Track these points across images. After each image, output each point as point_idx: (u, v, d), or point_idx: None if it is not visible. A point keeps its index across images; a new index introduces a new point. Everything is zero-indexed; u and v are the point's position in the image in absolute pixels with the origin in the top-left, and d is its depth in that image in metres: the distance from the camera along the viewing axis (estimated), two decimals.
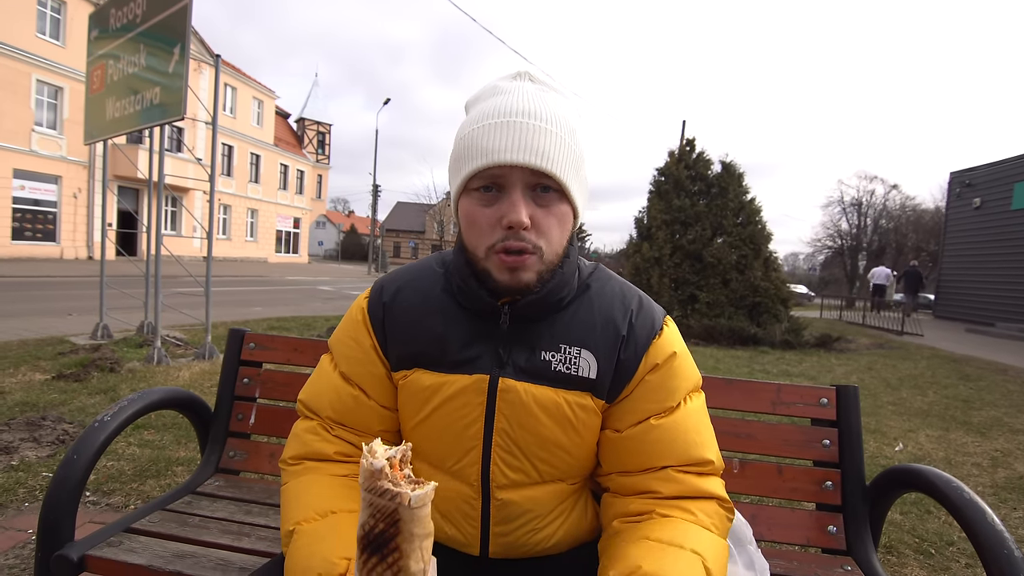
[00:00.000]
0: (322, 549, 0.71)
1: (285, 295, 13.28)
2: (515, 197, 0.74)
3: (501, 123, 0.74)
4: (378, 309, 0.86)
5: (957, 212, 17.68)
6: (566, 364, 0.80)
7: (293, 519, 0.77)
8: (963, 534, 2.28)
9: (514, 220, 0.73)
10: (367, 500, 0.53)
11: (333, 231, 59.48)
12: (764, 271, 9.53)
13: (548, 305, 0.81)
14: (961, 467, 3.36)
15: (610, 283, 0.88)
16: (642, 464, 0.81)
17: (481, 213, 0.76)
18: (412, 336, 0.84)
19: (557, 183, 0.75)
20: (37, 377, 3.94)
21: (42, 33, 18.47)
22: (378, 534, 0.52)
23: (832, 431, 1.30)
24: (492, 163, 0.73)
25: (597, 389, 0.81)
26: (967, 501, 0.98)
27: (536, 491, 0.84)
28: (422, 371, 0.83)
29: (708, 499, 0.80)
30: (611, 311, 0.84)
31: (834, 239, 40.62)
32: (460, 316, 0.83)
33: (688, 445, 0.80)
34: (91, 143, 5.80)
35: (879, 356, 8.38)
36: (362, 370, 0.86)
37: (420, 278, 0.88)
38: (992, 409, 5.05)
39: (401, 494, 0.51)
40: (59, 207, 19.58)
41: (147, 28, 4.77)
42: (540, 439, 0.81)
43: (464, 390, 0.80)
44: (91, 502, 2.18)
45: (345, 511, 0.77)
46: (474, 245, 0.78)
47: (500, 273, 0.77)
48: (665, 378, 0.82)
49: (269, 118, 32.25)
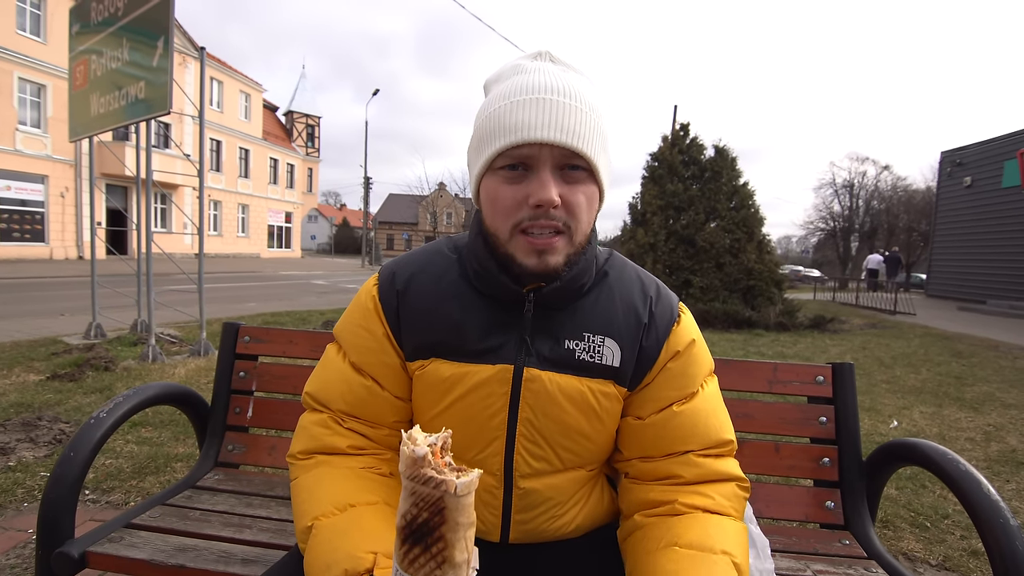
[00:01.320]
0: (345, 544, 0.69)
1: (279, 290, 13.22)
2: (545, 176, 0.71)
3: (531, 100, 0.71)
4: (391, 296, 0.83)
5: (948, 191, 17.76)
6: (590, 353, 0.79)
7: (311, 514, 0.74)
8: (958, 507, 2.33)
9: (544, 198, 0.70)
10: (409, 488, 0.50)
11: (325, 225, 59.10)
12: (758, 254, 9.56)
13: (571, 292, 0.80)
14: (955, 442, 3.40)
15: (626, 269, 0.88)
16: (665, 449, 0.81)
17: (507, 191, 0.73)
18: (428, 324, 0.81)
19: (587, 162, 0.73)
20: (31, 378, 3.91)
21: (22, 30, 18.10)
22: (421, 524, 0.50)
23: (828, 408, 1.31)
24: (523, 140, 0.70)
25: (620, 377, 0.81)
26: (963, 473, 0.99)
27: (557, 479, 0.83)
28: (441, 361, 0.80)
29: (727, 481, 0.81)
30: (632, 298, 0.83)
31: (826, 221, 40.85)
32: (478, 303, 0.81)
33: (709, 429, 0.81)
34: (76, 140, 5.71)
35: (872, 336, 8.45)
36: (375, 360, 0.83)
37: (432, 263, 0.85)
38: (984, 385, 5.11)
39: (446, 482, 0.49)
40: (46, 207, 19.33)
41: (129, 22, 4.68)
42: (564, 428, 0.80)
43: (488, 380, 0.79)
44: (90, 500, 2.18)
45: (364, 503, 0.75)
46: (497, 227, 0.75)
47: (527, 257, 0.74)
48: (686, 365, 0.82)
49: (257, 112, 31.86)
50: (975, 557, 2.01)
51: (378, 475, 0.81)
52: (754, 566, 0.90)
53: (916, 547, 2.09)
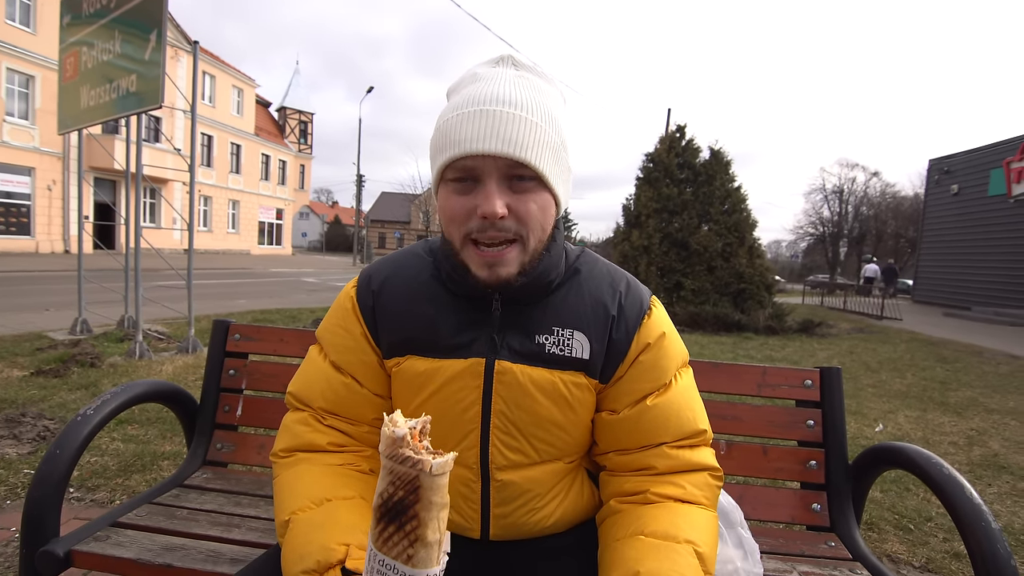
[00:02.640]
0: (319, 536, 0.71)
1: (269, 287, 13.13)
2: (490, 188, 0.73)
3: (475, 112, 0.73)
4: (367, 297, 0.86)
5: (935, 199, 18.00)
6: (559, 346, 0.82)
7: (288, 509, 0.76)
8: (941, 510, 2.37)
9: (487, 211, 0.72)
10: (387, 467, 0.53)
11: (317, 222, 58.80)
12: (749, 258, 9.64)
13: (538, 289, 0.82)
14: (938, 446, 3.45)
15: (597, 266, 0.90)
16: (639, 442, 0.84)
17: (456, 202, 0.75)
18: (402, 322, 0.84)
19: (534, 172, 0.73)
20: (15, 373, 3.85)
21: (11, 19, 17.82)
22: (397, 502, 0.53)
23: (816, 412, 1.32)
24: (465, 152, 0.72)
25: (590, 369, 0.83)
26: (946, 476, 1.01)
27: (534, 471, 0.85)
28: (415, 357, 0.83)
29: (699, 471, 0.83)
30: (600, 293, 0.85)
31: (816, 226, 41.21)
32: (450, 302, 0.84)
33: (682, 421, 0.83)
34: (65, 133, 5.64)
35: (860, 340, 8.55)
36: (353, 358, 0.86)
37: (407, 265, 0.88)
38: (968, 390, 5.19)
39: (423, 461, 0.52)
40: (33, 199, 19.05)
41: (121, 14, 4.63)
42: (537, 418, 0.82)
43: (461, 374, 0.81)
44: (75, 498, 2.15)
45: (340, 498, 0.77)
46: (451, 235, 0.78)
47: (479, 269, 0.76)
48: (657, 358, 0.84)
49: (249, 107, 31.60)
50: (957, 559, 2.04)
51: (356, 471, 0.83)
52: (743, 569, 0.91)
53: (900, 549, 2.12)
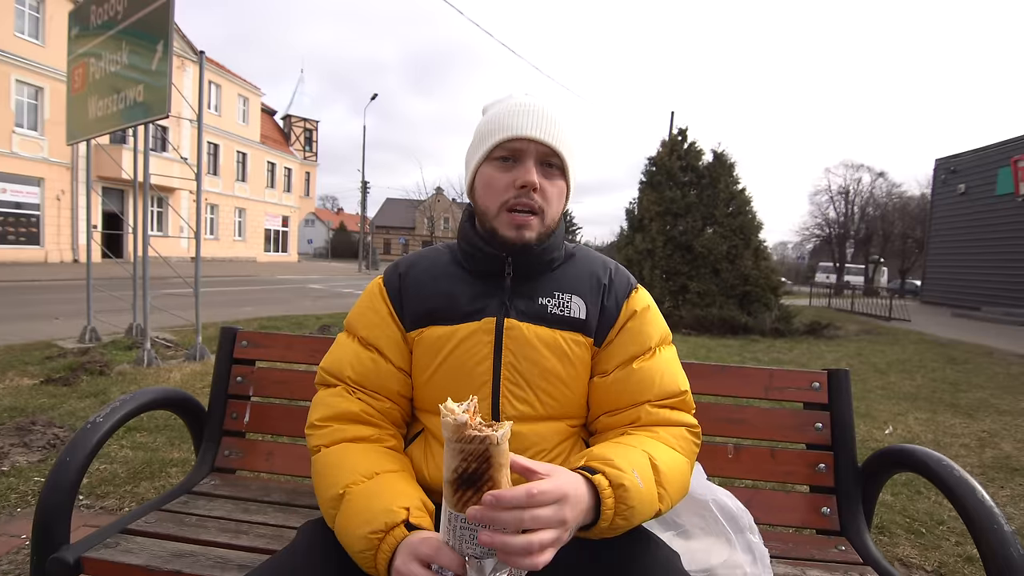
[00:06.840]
0: (379, 503, 0.78)
1: (275, 294, 13.18)
2: (529, 164, 0.92)
3: (523, 108, 0.94)
4: (394, 279, 1.01)
5: (942, 198, 17.89)
6: (560, 307, 0.96)
7: (341, 483, 0.82)
8: (953, 513, 2.34)
9: (528, 180, 0.90)
10: (456, 449, 0.62)
11: (322, 229, 58.98)
12: (754, 260, 9.60)
13: (543, 264, 0.98)
14: (949, 448, 3.41)
15: (590, 252, 1.08)
16: (626, 402, 0.95)
17: (499, 176, 0.93)
18: (425, 296, 0.98)
19: (561, 161, 0.94)
20: (25, 382, 3.89)
21: (21, 32, 18.08)
22: (471, 473, 0.62)
23: (824, 414, 1.31)
24: (515, 135, 0.91)
25: (587, 329, 0.97)
26: (958, 479, 1.00)
27: (540, 426, 0.95)
28: (435, 326, 0.96)
29: (677, 426, 0.94)
30: (594, 268, 1.03)
31: (822, 228, 40.94)
32: (467, 278, 0.99)
33: (664, 383, 0.95)
34: (74, 143, 5.70)
35: (867, 342, 8.49)
36: (380, 333, 0.98)
37: (430, 255, 1.06)
38: (979, 391, 5.14)
39: (489, 436, 0.61)
40: (42, 209, 19.25)
41: (129, 25, 4.68)
42: (542, 370, 0.94)
43: (475, 332, 0.94)
44: (85, 506, 2.16)
45: (387, 471, 0.85)
46: (488, 205, 0.94)
47: (507, 229, 0.93)
48: (642, 324, 0.99)
49: (255, 115, 31.86)
50: (970, 563, 2.01)
51: (386, 448, 0.93)
52: (752, 574, 0.91)
53: (912, 553, 2.09)
